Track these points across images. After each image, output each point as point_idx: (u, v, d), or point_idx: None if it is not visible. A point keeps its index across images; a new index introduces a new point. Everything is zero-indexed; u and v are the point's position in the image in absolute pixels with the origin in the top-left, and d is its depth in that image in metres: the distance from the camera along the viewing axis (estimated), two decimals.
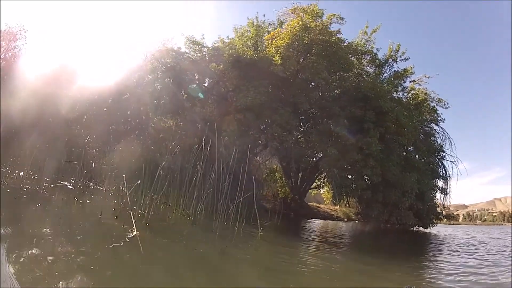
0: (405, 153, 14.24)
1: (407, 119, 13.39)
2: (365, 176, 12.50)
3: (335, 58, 12.28)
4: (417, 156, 15.01)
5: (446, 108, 18.36)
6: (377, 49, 15.64)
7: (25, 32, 15.53)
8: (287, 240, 7.94)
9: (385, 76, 15.99)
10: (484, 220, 70.44)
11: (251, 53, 12.08)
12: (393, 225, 15.43)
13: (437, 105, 18.05)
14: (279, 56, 11.39)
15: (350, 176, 12.73)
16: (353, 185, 12.66)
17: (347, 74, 13.62)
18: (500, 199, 75.59)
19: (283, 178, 16.06)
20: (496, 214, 73.02)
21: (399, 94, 16.49)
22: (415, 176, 13.62)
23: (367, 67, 15.89)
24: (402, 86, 16.74)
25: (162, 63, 13.44)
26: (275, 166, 16.37)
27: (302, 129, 13.31)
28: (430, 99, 17.94)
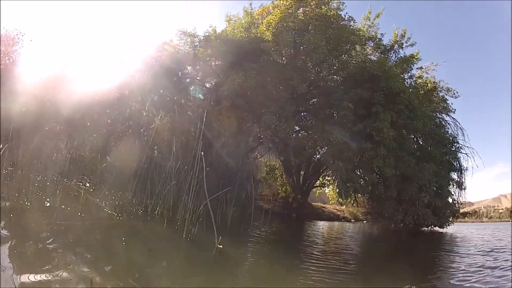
0: (418, 143, 11.66)
1: (420, 104, 11.00)
2: (375, 169, 10.01)
3: (335, 36, 10.01)
4: (429, 148, 12.42)
5: (456, 97, 15.80)
6: (381, 34, 13.38)
7: (22, 35, 14.65)
8: (260, 263, 4.48)
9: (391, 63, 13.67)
10: (491, 217, 65.36)
11: (241, 35, 9.95)
12: (405, 225, 12.76)
13: (446, 94, 15.57)
14: (270, 32, 9.20)
15: (358, 171, 10.25)
16: (362, 180, 10.19)
17: (351, 60, 11.31)
18: (505, 196, 70.34)
19: (284, 176, 13.63)
20: (502, 210, 67.79)
21: (407, 82, 14.11)
22: (433, 167, 11.07)
23: (372, 56, 13.61)
24: (409, 74, 14.37)
25: (154, 58, 11.50)
26: (274, 163, 13.97)
27: (301, 119, 10.93)
28: (439, 88, 15.47)
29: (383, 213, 11.19)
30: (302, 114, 11.04)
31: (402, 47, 13.83)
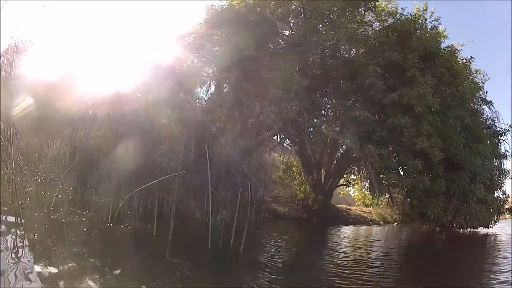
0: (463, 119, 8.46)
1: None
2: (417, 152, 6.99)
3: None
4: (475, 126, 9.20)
5: (486, 80, 12.69)
6: (402, 8, 10.74)
7: (31, 44, 13.30)
8: None
9: None
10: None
11: (237, 1, 7.60)
12: (449, 227, 9.37)
13: (475, 77, 12.52)
14: None
15: (394, 158, 7.26)
16: (401, 168, 7.22)
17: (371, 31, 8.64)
18: None
19: (302, 174, 10.71)
20: None
21: None
22: (488, 149, 8.00)
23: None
24: None
25: (158, 53, 9.31)
26: (292, 160, 11.08)
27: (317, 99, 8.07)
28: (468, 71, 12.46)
29: (428, 214, 7.96)
30: (317, 94, 8.18)
31: (426, 23, 11.10)
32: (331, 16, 7.26)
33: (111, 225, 4.09)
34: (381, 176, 7.33)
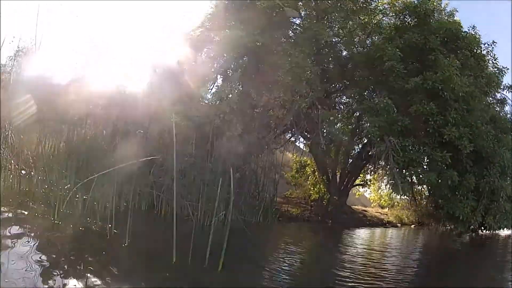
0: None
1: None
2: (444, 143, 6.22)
3: None
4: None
5: (504, 74, 11.96)
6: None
7: (39, 44, 13.06)
8: None
9: None
10: None
11: None
12: (474, 229, 8.38)
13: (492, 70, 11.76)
14: None
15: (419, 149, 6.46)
16: (426, 161, 6.43)
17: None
18: None
19: (317, 173, 9.82)
20: None
21: None
22: None
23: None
24: None
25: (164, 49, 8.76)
26: (305, 159, 10.32)
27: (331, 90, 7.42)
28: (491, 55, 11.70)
29: (457, 214, 7.02)
30: (331, 86, 7.51)
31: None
32: (344, 2, 6.71)
33: (59, 222, 3.31)
34: (404, 171, 6.55)
